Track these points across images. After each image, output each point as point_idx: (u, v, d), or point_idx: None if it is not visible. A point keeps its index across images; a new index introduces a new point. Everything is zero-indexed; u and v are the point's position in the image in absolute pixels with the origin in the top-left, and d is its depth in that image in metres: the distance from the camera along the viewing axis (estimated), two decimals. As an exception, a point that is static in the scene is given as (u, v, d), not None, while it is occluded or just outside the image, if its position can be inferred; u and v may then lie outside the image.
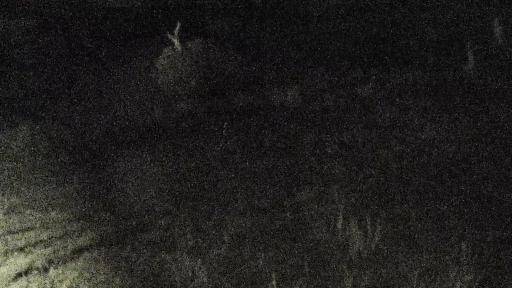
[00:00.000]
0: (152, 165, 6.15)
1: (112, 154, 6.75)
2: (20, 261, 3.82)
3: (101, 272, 3.61)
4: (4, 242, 4.19)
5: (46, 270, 3.66)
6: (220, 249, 3.83)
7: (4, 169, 6.32)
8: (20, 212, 4.86)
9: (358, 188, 4.86)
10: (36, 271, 3.65)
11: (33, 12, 15.84)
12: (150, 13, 16.73)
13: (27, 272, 3.66)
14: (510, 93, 8.37)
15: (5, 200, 5.14)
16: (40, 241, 4.17)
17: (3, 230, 4.44)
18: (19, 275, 3.62)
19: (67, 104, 10.23)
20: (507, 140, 6.06)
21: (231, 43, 12.02)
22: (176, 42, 9.93)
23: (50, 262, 3.77)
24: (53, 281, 3.52)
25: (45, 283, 3.50)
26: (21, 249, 4.02)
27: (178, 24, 9.94)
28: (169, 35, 10.02)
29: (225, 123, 7.74)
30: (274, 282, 3.23)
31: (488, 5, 13.80)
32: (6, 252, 3.99)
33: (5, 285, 3.51)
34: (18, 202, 5.15)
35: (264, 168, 5.72)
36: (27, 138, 7.49)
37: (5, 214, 4.82)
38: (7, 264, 3.79)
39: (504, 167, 5.18)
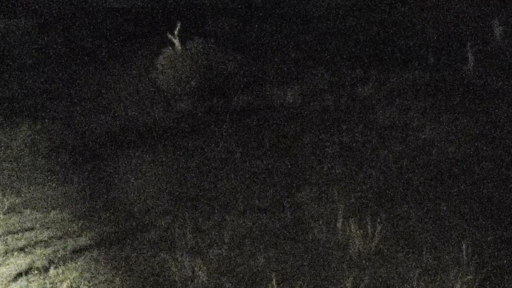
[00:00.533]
0: (152, 165, 6.15)
1: (112, 154, 6.75)
2: (20, 261, 3.82)
3: (101, 272, 3.61)
4: (4, 242, 4.19)
5: (46, 270, 3.66)
6: (220, 249, 3.83)
7: (4, 169, 6.32)
8: (20, 212, 4.86)
9: (358, 188, 4.86)
10: (36, 271, 3.64)
11: (33, 12, 15.86)
12: (150, 13, 16.75)
13: (27, 272, 3.65)
14: (510, 93, 8.38)
15: (5, 200, 5.13)
16: (40, 241, 4.17)
17: (3, 230, 4.44)
18: (19, 275, 3.62)
19: (67, 104, 10.23)
20: (507, 140, 6.06)
21: (231, 43, 12.03)
22: (176, 42, 9.94)
23: (50, 262, 3.77)
24: (53, 281, 3.52)
25: (45, 283, 3.50)
26: (21, 249, 4.02)
27: (178, 24, 9.95)
28: (169, 35, 10.03)
29: (225, 123, 7.74)
30: (274, 282, 3.23)
31: (488, 5, 13.80)
32: (6, 252, 3.98)
33: (5, 285, 3.51)
34: (18, 202, 5.14)
35: (264, 168, 5.71)
36: (27, 138, 7.49)
37: (5, 214, 4.81)
38: (7, 264, 3.79)
39: (504, 167, 5.18)
